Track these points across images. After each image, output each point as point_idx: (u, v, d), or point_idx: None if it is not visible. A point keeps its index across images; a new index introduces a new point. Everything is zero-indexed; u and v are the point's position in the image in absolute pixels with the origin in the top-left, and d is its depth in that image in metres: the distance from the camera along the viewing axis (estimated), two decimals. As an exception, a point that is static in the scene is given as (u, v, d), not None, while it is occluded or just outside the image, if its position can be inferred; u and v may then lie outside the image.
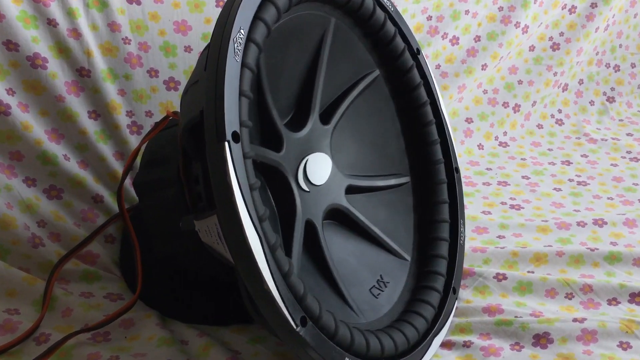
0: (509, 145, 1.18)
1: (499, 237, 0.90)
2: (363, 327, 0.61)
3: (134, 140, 0.80)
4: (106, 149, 0.80)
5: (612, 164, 1.14)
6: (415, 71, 0.75)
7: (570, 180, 1.08)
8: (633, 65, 1.39)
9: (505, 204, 0.99)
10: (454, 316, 0.73)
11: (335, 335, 0.55)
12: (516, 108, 1.20)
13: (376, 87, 0.75)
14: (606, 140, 1.22)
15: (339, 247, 0.69)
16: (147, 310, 0.70)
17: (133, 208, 0.78)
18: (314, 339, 0.53)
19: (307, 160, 0.66)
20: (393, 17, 0.72)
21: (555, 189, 1.05)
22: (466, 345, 0.70)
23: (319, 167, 0.67)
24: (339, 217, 0.70)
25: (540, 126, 1.24)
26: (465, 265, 0.80)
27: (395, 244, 0.72)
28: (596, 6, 1.24)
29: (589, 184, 1.07)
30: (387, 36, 0.71)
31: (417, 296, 0.68)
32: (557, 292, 0.78)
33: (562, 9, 1.22)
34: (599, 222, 0.93)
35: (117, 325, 0.67)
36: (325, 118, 0.70)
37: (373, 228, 0.72)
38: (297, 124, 0.68)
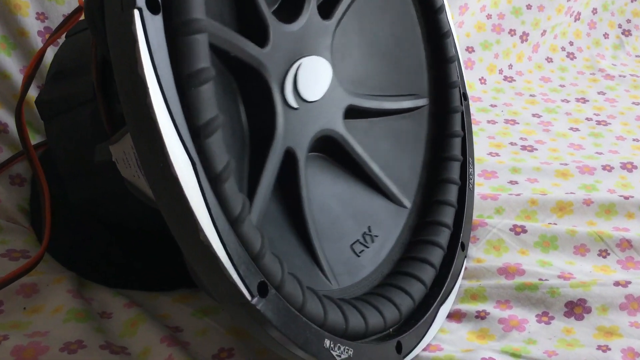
0: (515, 80, 1.01)
1: (511, 182, 0.74)
2: (335, 295, 0.45)
3: (48, 53, 0.61)
4: (9, 63, 0.61)
5: (633, 102, 0.98)
6: None
7: (588, 119, 0.92)
8: (651, -5, 1.22)
9: (515, 144, 0.83)
10: (462, 279, 0.57)
11: (302, 308, 0.38)
12: (524, 37, 1.03)
13: None
14: (624, 76, 1.06)
15: (323, 188, 0.51)
16: (60, 272, 0.52)
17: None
18: (278, 314, 0.36)
19: (299, 65, 0.46)
20: None
21: (571, 128, 0.89)
22: (480, 316, 0.54)
23: (315, 77, 0.47)
24: (330, 148, 0.52)
25: (549, 59, 1.07)
26: (474, 216, 0.64)
27: (395, 186, 0.55)
28: None
29: (609, 123, 0.91)
30: None
31: (411, 253, 0.52)
32: (589, 248, 0.62)
33: None
34: (628, 166, 0.78)
35: (13, 292, 0.49)
36: (326, 9, 0.50)
37: (370, 164, 0.54)
38: (288, 12, 0.48)
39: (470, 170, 0.63)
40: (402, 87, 0.58)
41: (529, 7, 1.03)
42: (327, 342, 0.39)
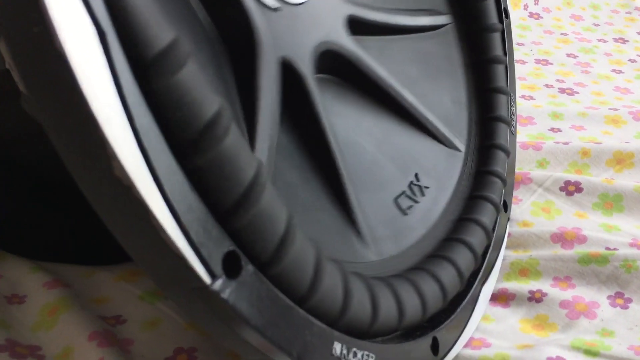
0: (542, 17, 0.86)
1: (553, 129, 0.60)
2: (372, 270, 0.31)
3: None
4: None
5: (680, 44, 0.83)
6: None
7: (632, 60, 0.77)
8: None
9: (552, 87, 0.68)
10: (506, 248, 0.43)
11: (308, 296, 0.23)
12: (552, -33, 0.88)
13: None
14: (666, 16, 0.91)
15: (346, 122, 0.37)
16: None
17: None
18: (257, 306, 0.22)
19: None
20: None
21: (614, 70, 0.74)
22: (535, 297, 0.40)
23: None
24: (343, 69, 0.38)
25: (579, -5, 0.92)
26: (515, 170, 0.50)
27: (441, 123, 0.41)
28: None
29: (657, 66, 0.76)
30: None
31: (469, 214, 0.38)
32: (664, 209, 0.49)
33: None
34: (691, 112, 0.64)
35: None
36: None
37: (401, 92, 0.40)
38: None
39: (513, 108, 0.49)
40: (416, 0, 0.44)
41: None
42: (337, 347, 0.25)
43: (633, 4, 0.94)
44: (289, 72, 0.31)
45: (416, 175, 0.39)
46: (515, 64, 0.73)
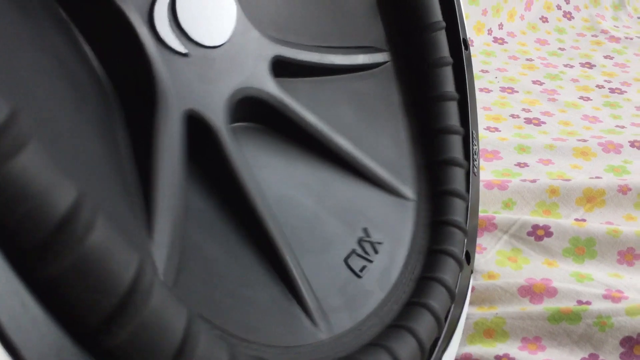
0: (507, 42, 0.83)
1: (519, 164, 0.56)
2: (323, 352, 0.27)
3: None
4: None
5: (647, 68, 0.81)
6: None
7: (600, 86, 0.75)
8: (652, -52, 1.06)
9: (518, 117, 0.65)
10: (469, 304, 0.39)
11: None
12: (516, -10, 0.85)
13: None
14: (631, 39, 0.89)
15: (276, 174, 0.33)
16: None
17: None
18: None
19: None
20: None
21: (582, 97, 0.72)
22: (502, 365, 0.36)
23: (207, 9, 0.31)
24: (267, 116, 0.33)
25: (544, 19, 0.90)
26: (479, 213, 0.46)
27: (384, 169, 0.37)
28: None
29: (625, 91, 0.74)
30: None
31: (432, 272, 0.34)
32: (638, 253, 0.45)
33: None
34: (660, 142, 0.61)
35: None
36: None
37: (333, 137, 0.35)
38: None
39: (475, 147, 0.45)
40: (349, 36, 0.40)
41: (521, -46, 0.86)
42: None
43: (599, 27, 0.92)
44: (197, 126, 0.27)
45: (365, 230, 0.35)
46: (480, 93, 0.70)
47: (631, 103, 0.71)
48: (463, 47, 0.46)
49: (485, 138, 0.60)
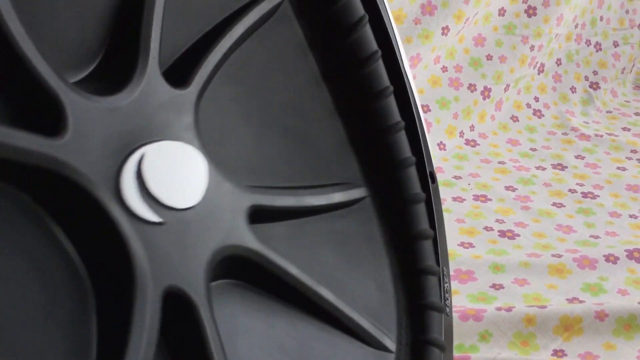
0: (479, 144, 0.84)
1: (495, 286, 0.55)
2: None
3: None
4: None
5: (618, 167, 0.82)
6: None
7: (572, 191, 0.75)
8: (616, 44, 1.10)
9: (492, 229, 0.65)
10: None
11: None
12: (485, 93, 0.87)
13: (282, 18, 0.39)
14: (601, 136, 0.91)
15: (252, 339, 0.32)
16: None
17: None
18: None
19: (142, 157, 0.28)
20: None
21: (555, 204, 0.72)
22: None
23: (177, 171, 0.30)
24: (246, 273, 0.32)
25: (515, 118, 0.92)
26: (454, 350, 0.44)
27: (365, 319, 0.36)
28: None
29: (598, 196, 0.74)
30: None
31: None
32: (620, 393, 0.44)
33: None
34: (635, 255, 0.61)
35: None
36: (178, 75, 0.32)
37: (316, 289, 0.34)
38: (110, 80, 0.29)
39: (446, 285, 0.44)
40: (324, 174, 0.39)
41: (489, 57, 0.88)
42: None
43: (569, 124, 0.94)
44: (176, 304, 0.26)
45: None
46: (453, 202, 0.70)
47: (604, 209, 0.71)
48: (430, 181, 0.45)
49: (459, 256, 0.59)
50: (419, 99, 0.51)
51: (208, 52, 0.34)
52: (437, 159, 0.78)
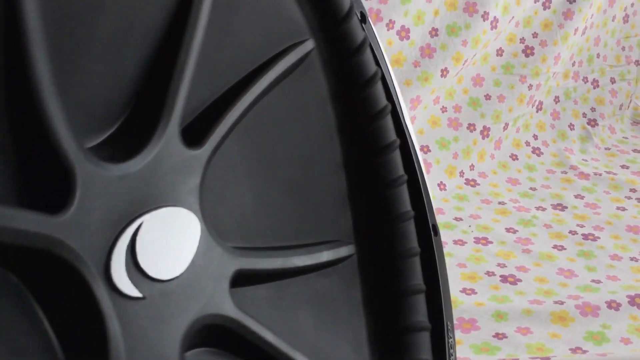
0: (479, 184, 0.84)
1: (498, 336, 0.55)
2: None
3: None
4: None
5: (618, 207, 0.82)
6: (369, 51, 0.39)
7: (573, 232, 0.75)
8: (613, 81, 1.11)
9: (494, 274, 0.65)
10: None
11: None
12: (485, 132, 0.87)
13: (308, 68, 0.38)
14: (600, 174, 0.91)
15: None
16: None
17: None
18: None
19: (139, 227, 0.28)
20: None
21: (556, 246, 0.72)
22: None
23: (169, 241, 0.30)
24: (222, 339, 0.32)
25: (514, 157, 0.92)
26: (458, 407, 0.44)
27: None
28: (574, 0, 0.95)
29: (598, 237, 0.74)
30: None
31: None
32: None
33: (535, 2, 0.92)
34: (637, 301, 0.60)
35: None
36: (195, 133, 0.32)
37: (294, 357, 0.34)
38: (127, 142, 0.29)
39: (451, 340, 0.43)
40: (314, 232, 0.39)
41: (487, 97, 0.88)
42: None
43: (568, 162, 0.94)
44: None
45: None
46: (454, 245, 0.70)
47: (605, 251, 0.71)
48: (432, 234, 0.45)
49: (462, 304, 0.58)
50: (420, 152, 0.52)
51: (229, 109, 0.32)
52: (438, 199, 0.79)
